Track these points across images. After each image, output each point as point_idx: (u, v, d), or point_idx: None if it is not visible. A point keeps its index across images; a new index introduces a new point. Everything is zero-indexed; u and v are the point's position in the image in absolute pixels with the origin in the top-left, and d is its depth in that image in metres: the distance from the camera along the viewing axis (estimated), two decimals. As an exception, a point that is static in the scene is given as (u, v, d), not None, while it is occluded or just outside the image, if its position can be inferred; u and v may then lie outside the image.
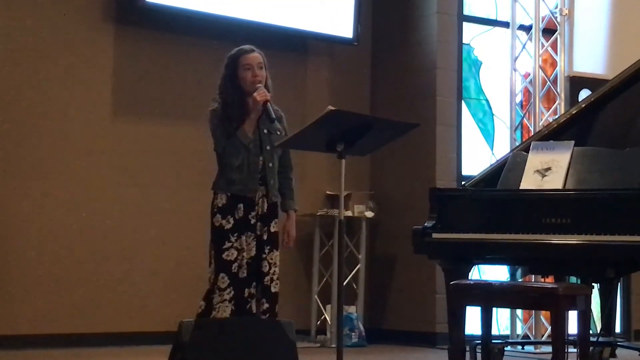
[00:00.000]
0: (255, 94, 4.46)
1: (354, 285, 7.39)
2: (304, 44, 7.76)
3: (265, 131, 4.56)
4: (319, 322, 7.39)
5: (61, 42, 6.77)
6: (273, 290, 4.49)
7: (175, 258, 6.95)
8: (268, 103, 4.47)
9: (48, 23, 6.74)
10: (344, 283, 5.96)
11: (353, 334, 7.16)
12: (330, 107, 4.06)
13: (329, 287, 7.32)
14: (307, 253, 7.51)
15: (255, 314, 4.42)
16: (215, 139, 4.53)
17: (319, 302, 7.39)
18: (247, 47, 4.62)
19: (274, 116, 4.47)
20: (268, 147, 4.54)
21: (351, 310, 7.25)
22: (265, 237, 4.51)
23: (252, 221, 4.49)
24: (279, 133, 4.60)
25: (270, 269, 4.49)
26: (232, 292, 4.40)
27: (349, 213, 7.29)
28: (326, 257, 7.43)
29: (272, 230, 4.55)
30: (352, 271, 7.40)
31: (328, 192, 7.53)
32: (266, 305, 4.46)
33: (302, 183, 7.58)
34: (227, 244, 4.44)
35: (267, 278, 4.48)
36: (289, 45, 7.61)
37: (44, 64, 6.71)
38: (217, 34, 6.93)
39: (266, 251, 4.51)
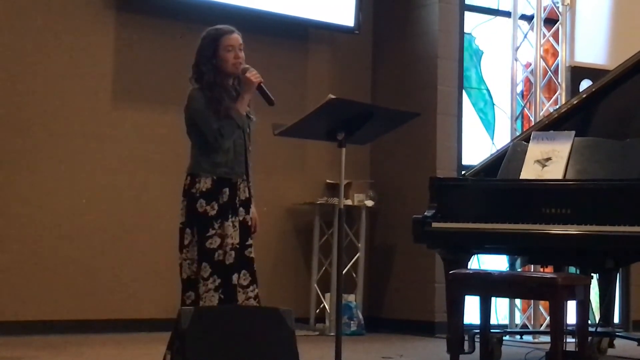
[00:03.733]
0: (248, 75, 4.30)
1: (354, 274, 7.39)
2: (305, 32, 7.75)
3: (245, 114, 4.41)
4: (318, 311, 7.40)
5: (62, 28, 6.76)
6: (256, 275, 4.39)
7: (176, 245, 6.92)
8: (262, 84, 4.32)
9: (49, 9, 6.72)
10: (344, 272, 5.97)
11: (352, 322, 7.17)
12: (331, 96, 4.05)
13: (329, 276, 7.33)
14: (306, 241, 7.51)
15: (237, 301, 4.29)
16: (202, 120, 4.29)
17: (318, 291, 7.40)
18: (226, 27, 4.44)
19: (272, 97, 4.31)
20: (248, 130, 4.43)
21: (350, 298, 7.26)
22: (249, 222, 4.40)
23: (238, 206, 4.36)
24: (253, 119, 4.49)
25: (254, 253, 4.38)
26: (219, 281, 4.26)
27: (349, 202, 7.29)
28: (326, 246, 7.44)
29: (251, 215, 4.43)
30: (352, 260, 7.40)
31: (328, 181, 7.53)
32: (256, 291, 4.35)
33: (302, 171, 7.61)
34: (211, 232, 4.29)
35: (255, 264, 4.37)
36: (290, 33, 7.60)
37: (44, 50, 6.70)
38: (218, 22, 6.86)
39: (252, 237, 4.41)
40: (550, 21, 8.01)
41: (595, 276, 5.38)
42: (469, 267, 5.32)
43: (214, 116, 4.27)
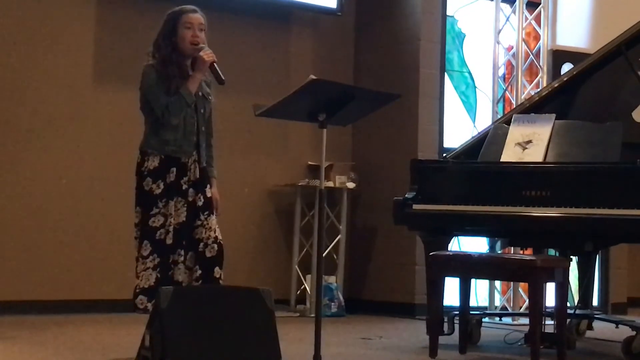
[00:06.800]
0: (201, 54, 4.31)
1: (334, 256, 7.41)
2: (287, 13, 7.72)
3: (200, 94, 4.41)
4: (298, 292, 7.41)
5: (42, 8, 6.71)
6: (208, 255, 4.33)
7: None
8: (215, 64, 4.33)
9: (29, -12, 6.68)
10: (324, 253, 5.97)
11: (332, 304, 7.19)
12: (312, 76, 4.05)
13: (309, 257, 7.34)
14: (288, 223, 7.51)
15: (180, 282, 4.27)
16: (151, 95, 4.31)
17: (299, 272, 7.41)
18: (189, 6, 4.49)
19: (223, 77, 4.33)
20: (202, 111, 4.41)
21: (331, 280, 7.27)
22: (200, 203, 4.36)
23: (184, 187, 4.33)
24: (210, 98, 4.48)
25: (205, 234, 4.34)
26: (157, 259, 4.26)
27: (330, 183, 7.29)
28: (307, 228, 7.44)
29: (208, 195, 4.40)
30: (333, 241, 7.41)
31: (310, 163, 7.53)
32: (199, 272, 4.32)
33: (284, 153, 7.61)
34: (155, 210, 4.28)
35: (202, 245, 4.33)
36: (273, 15, 7.57)
37: (25, 31, 6.64)
38: (201, 3, 6.87)
39: (202, 217, 4.36)
40: (533, 4, 8.01)
41: (574, 259, 5.41)
42: (449, 249, 5.34)
43: (164, 92, 4.29)
